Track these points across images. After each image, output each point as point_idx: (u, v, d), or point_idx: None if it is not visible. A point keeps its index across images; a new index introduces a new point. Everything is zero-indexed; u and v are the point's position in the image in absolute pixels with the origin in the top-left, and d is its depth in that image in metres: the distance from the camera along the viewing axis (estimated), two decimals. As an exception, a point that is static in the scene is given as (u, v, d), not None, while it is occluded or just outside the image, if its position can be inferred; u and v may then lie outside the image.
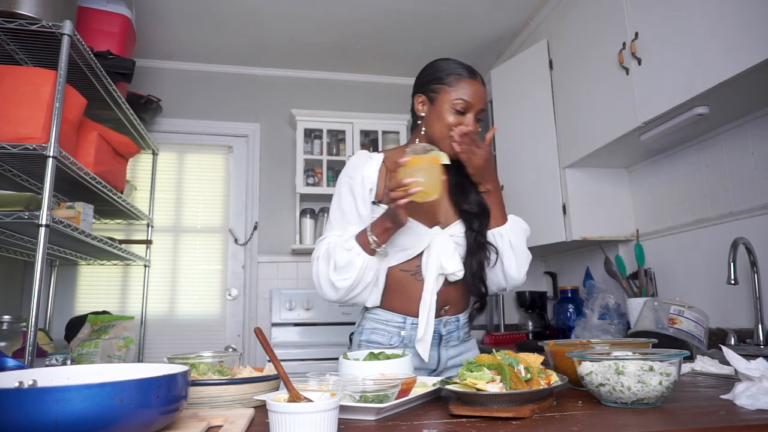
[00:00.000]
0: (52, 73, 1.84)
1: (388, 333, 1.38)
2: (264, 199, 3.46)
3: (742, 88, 1.67)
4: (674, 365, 0.90)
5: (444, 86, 1.37)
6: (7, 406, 0.60)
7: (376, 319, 1.41)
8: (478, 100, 1.37)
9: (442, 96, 1.37)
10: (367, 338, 1.40)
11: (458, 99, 1.35)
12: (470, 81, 1.36)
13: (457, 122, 1.35)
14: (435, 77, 1.40)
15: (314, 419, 0.69)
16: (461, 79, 1.36)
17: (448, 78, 1.37)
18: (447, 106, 1.36)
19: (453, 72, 1.38)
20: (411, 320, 1.37)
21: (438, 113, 1.37)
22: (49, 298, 3.00)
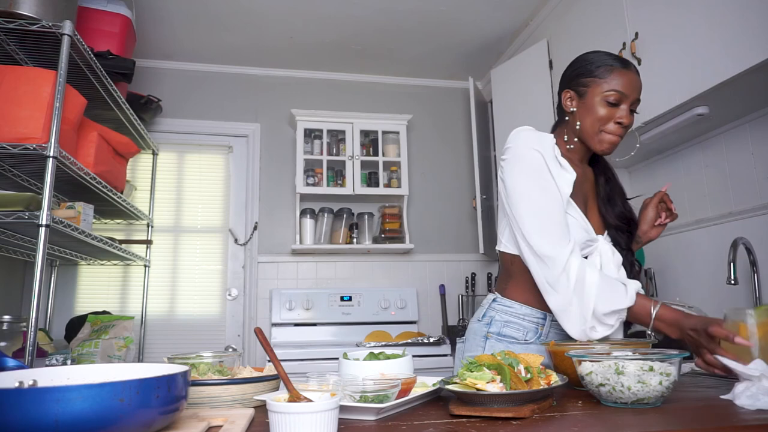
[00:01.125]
0: (52, 73, 1.84)
1: (524, 328, 1.31)
2: (264, 199, 3.46)
3: (742, 88, 1.67)
4: (674, 365, 0.90)
5: (595, 78, 1.29)
6: (7, 406, 0.60)
7: (511, 313, 1.33)
8: (633, 90, 1.28)
9: (593, 89, 1.29)
10: (498, 331, 1.32)
11: (610, 90, 1.26)
12: (623, 71, 1.28)
13: (609, 115, 1.27)
14: (584, 70, 1.32)
15: (314, 419, 0.69)
16: (613, 69, 1.28)
17: (598, 70, 1.29)
18: (599, 98, 1.28)
19: (604, 63, 1.30)
20: (551, 317, 1.30)
21: (589, 107, 1.29)
22: (49, 298, 3.00)
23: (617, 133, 1.29)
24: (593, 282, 1.16)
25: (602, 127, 1.28)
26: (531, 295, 1.30)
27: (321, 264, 3.46)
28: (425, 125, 3.72)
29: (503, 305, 1.35)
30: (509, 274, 1.36)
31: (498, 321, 1.33)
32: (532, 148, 1.27)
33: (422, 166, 3.63)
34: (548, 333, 1.31)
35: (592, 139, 1.30)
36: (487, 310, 1.37)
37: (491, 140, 3.43)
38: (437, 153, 3.70)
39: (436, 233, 3.60)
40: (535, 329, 1.31)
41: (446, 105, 3.81)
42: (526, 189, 1.24)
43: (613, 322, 1.17)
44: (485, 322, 1.36)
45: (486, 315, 1.37)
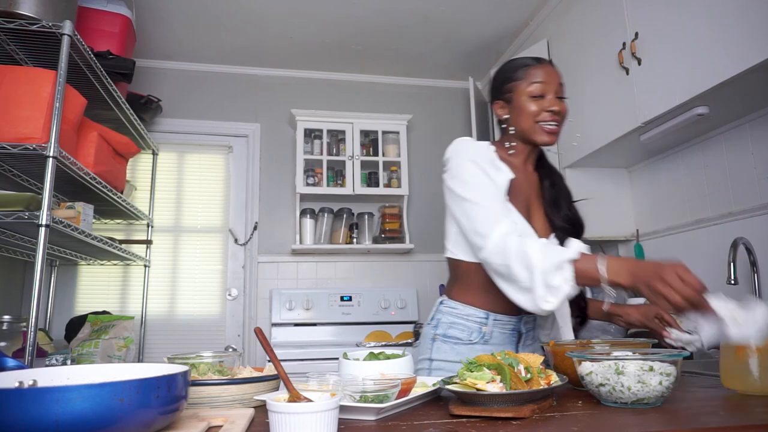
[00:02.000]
0: (52, 73, 1.84)
1: (468, 329, 1.35)
2: (264, 199, 3.46)
3: (742, 88, 1.67)
4: (674, 365, 0.90)
5: (515, 82, 1.37)
6: (7, 406, 0.60)
7: (455, 314, 1.38)
8: (552, 79, 1.36)
9: (517, 92, 1.37)
10: (444, 332, 1.37)
11: (532, 85, 1.35)
12: (537, 66, 1.37)
13: (539, 107, 1.34)
14: (504, 78, 1.41)
15: (314, 419, 0.69)
16: (528, 67, 1.37)
17: (516, 73, 1.38)
18: (524, 97, 1.35)
19: (519, 66, 1.38)
20: (494, 316, 1.35)
21: (519, 108, 1.36)
22: (49, 298, 3.00)
23: (552, 120, 1.35)
24: (534, 247, 1.14)
25: (536, 119, 1.34)
26: (474, 295, 1.36)
27: (321, 264, 3.46)
28: (425, 125, 3.71)
29: (449, 307, 1.39)
30: (455, 278, 1.42)
31: (444, 323, 1.38)
32: (468, 159, 1.32)
33: (422, 166, 3.63)
34: (492, 332, 1.35)
35: (533, 135, 1.36)
36: (435, 313, 1.42)
37: (491, 140, 3.43)
38: (437, 153, 3.68)
39: (436, 233, 3.57)
40: (479, 329, 1.35)
41: (446, 105, 3.81)
42: (467, 191, 1.29)
43: (559, 282, 1.10)
44: (433, 324, 1.40)
45: (434, 318, 1.41)
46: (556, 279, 1.11)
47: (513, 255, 1.15)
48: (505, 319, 1.35)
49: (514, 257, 1.15)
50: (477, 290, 1.35)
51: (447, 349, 1.34)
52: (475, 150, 1.35)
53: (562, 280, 1.11)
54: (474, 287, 1.35)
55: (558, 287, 1.11)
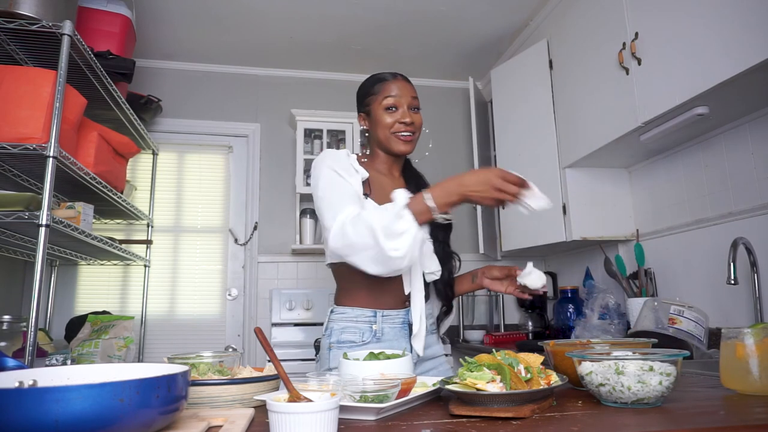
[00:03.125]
0: (52, 73, 1.84)
1: (360, 330, 1.39)
2: (264, 199, 3.46)
3: (742, 88, 1.67)
4: (674, 365, 0.90)
5: (372, 96, 1.48)
6: (7, 406, 0.60)
7: (346, 318, 1.41)
8: (404, 92, 1.46)
9: (374, 105, 1.47)
10: (337, 339, 1.40)
11: (386, 98, 1.45)
12: (391, 81, 1.47)
13: (393, 119, 1.44)
14: (363, 93, 1.52)
15: (314, 419, 0.69)
16: (383, 83, 1.47)
17: (372, 88, 1.49)
18: (380, 110, 1.45)
19: (375, 81, 1.49)
20: (381, 312, 1.39)
21: (376, 120, 1.47)
22: (49, 298, 3.00)
23: (406, 131, 1.45)
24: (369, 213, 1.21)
25: (391, 130, 1.45)
26: (358, 296, 1.41)
27: (321, 264, 3.46)
28: (425, 125, 3.69)
29: (338, 314, 1.43)
30: (339, 283, 1.48)
31: (336, 330, 1.41)
32: (324, 165, 1.37)
33: (422, 165, 3.62)
34: (382, 329, 1.38)
35: (390, 145, 1.46)
36: (327, 323, 1.45)
37: (491, 140, 3.43)
38: (437, 153, 3.70)
39: (436, 233, 3.59)
40: (369, 328, 1.38)
41: (446, 105, 3.81)
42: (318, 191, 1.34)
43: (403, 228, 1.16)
44: (327, 334, 1.43)
45: (327, 328, 1.44)
46: (399, 226, 1.16)
47: (350, 229, 1.20)
48: (392, 313, 1.40)
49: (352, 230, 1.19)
50: (360, 290, 1.40)
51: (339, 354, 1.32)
52: (332, 157, 1.40)
53: (405, 224, 1.16)
54: (357, 288, 1.41)
55: (403, 232, 1.16)
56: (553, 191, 2.65)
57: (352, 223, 1.20)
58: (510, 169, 1.23)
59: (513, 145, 2.97)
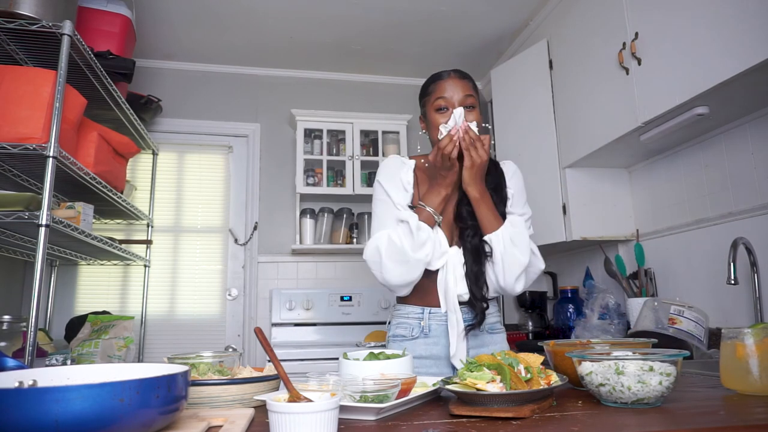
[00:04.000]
0: (52, 73, 1.84)
1: (410, 326, 1.49)
2: (264, 199, 3.46)
3: (742, 88, 1.67)
4: (674, 365, 0.90)
5: (425, 98, 1.50)
6: (7, 406, 0.60)
7: (399, 314, 1.53)
8: (455, 91, 1.43)
9: (427, 108, 1.48)
10: (393, 333, 1.52)
11: (435, 100, 1.44)
12: (442, 80, 1.46)
13: (442, 119, 1.43)
14: (420, 94, 1.53)
15: (314, 419, 0.69)
16: (435, 83, 1.46)
17: (427, 88, 1.49)
18: (432, 112, 1.45)
19: (429, 83, 1.50)
20: (428, 310, 1.48)
21: (430, 122, 1.48)
22: (49, 298, 3.00)
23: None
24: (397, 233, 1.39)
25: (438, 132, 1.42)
26: (410, 295, 1.48)
27: (321, 264, 3.46)
28: (425, 125, 3.71)
29: (396, 310, 1.55)
30: None
31: (393, 324, 1.53)
32: (378, 180, 1.49)
33: (422, 166, 3.63)
34: (429, 325, 1.47)
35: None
36: (390, 318, 1.57)
37: (491, 140, 3.42)
38: (437, 153, 3.70)
39: (436, 233, 3.59)
40: (418, 324, 1.48)
41: (446, 105, 3.81)
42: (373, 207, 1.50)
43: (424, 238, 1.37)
44: (389, 328, 1.55)
45: (389, 322, 1.56)
46: (421, 237, 1.37)
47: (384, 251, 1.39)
48: (440, 311, 1.46)
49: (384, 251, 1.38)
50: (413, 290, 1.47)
51: (395, 347, 1.46)
52: (386, 169, 1.50)
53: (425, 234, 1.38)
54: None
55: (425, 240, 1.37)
56: (553, 191, 2.65)
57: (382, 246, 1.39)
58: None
59: (513, 145, 2.97)
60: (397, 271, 1.38)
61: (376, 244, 1.40)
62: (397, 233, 1.38)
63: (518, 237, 1.42)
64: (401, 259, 1.37)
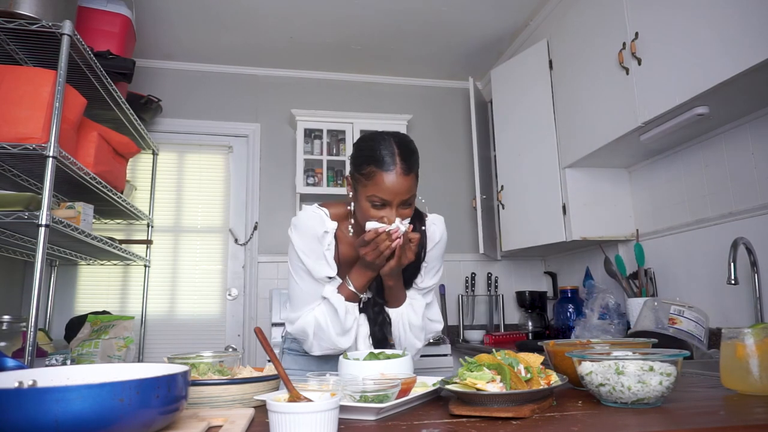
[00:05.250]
0: (52, 73, 1.84)
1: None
2: (264, 199, 3.46)
3: (742, 88, 1.67)
4: (674, 365, 0.90)
5: (361, 178, 1.28)
6: (7, 406, 0.60)
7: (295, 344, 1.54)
8: (396, 193, 1.26)
9: (361, 188, 1.28)
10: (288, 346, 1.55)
11: (373, 195, 1.26)
12: (387, 173, 1.24)
13: (376, 215, 1.27)
14: (357, 163, 1.31)
15: (314, 419, 0.69)
16: (378, 173, 1.25)
17: (366, 168, 1.27)
18: (364, 199, 1.28)
19: (372, 161, 1.26)
20: None
21: (359, 202, 1.31)
22: (49, 298, 3.00)
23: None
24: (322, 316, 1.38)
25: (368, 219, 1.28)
26: None
27: (321, 264, 3.46)
28: (425, 125, 3.71)
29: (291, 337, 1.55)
30: None
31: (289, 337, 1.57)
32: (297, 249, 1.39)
33: (422, 166, 3.61)
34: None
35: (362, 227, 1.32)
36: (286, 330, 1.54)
37: (491, 140, 3.43)
38: (437, 153, 3.70)
39: (436, 233, 3.59)
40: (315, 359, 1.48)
41: (446, 105, 3.81)
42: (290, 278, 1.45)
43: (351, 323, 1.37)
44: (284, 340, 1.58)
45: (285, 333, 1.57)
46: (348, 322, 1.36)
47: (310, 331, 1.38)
48: None
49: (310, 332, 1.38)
50: None
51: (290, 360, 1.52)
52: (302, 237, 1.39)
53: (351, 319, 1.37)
54: None
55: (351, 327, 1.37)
56: (553, 191, 2.65)
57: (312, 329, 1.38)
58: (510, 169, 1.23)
59: (513, 145, 2.97)
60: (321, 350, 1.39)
61: (303, 326, 1.38)
62: (324, 317, 1.36)
63: (415, 322, 1.42)
64: (328, 345, 1.37)
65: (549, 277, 3.34)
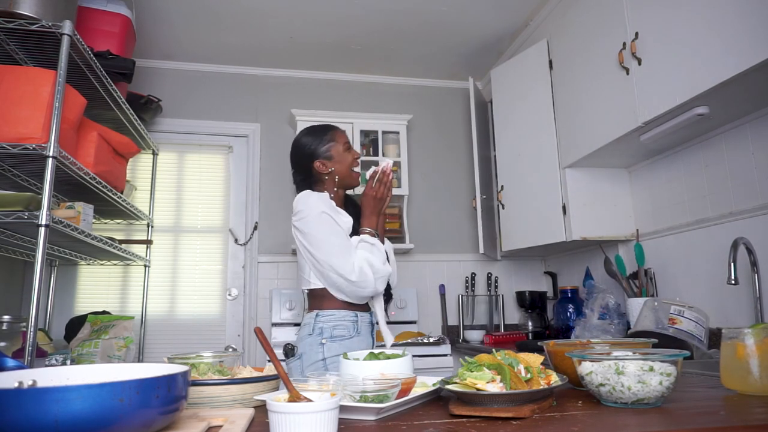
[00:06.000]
0: (52, 73, 1.84)
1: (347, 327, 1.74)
2: (264, 199, 3.46)
3: (742, 88, 1.67)
4: (674, 365, 0.90)
5: (331, 143, 1.83)
6: (7, 406, 0.60)
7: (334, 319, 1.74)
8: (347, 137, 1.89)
9: (334, 150, 1.82)
10: (330, 334, 1.72)
11: (345, 143, 1.85)
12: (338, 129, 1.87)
13: (353, 156, 1.85)
14: (319, 142, 1.83)
15: (314, 419, 0.69)
16: (334, 131, 1.86)
17: (327, 136, 1.84)
18: (341, 150, 1.83)
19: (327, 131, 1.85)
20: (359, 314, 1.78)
21: (338, 160, 1.82)
22: (49, 298, 3.00)
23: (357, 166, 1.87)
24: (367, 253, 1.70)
25: (352, 167, 1.85)
26: (341, 304, 1.74)
27: (321, 264, 3.46)
28: (425, 125, 3.72)
29: (326, 316, 1.74)
30: (320, 297, 1.76)
31: (327, 328, 1.72)
32: (320, 210, 1.70)
33: (422, 166, 3.63)
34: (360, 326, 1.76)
35: (350, 179, 1.85)
36: (313, 324, 1.74)
37: (491, 140, 3.43)
38: (437, 153, 3.70)
39: (436, 233, 3.60)
40: (353, 326, 1.75)
41: (446, 105, 3.81)
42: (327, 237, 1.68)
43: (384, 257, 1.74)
44: (316, 333, 1.72)
45: (314, 328, 1.73)
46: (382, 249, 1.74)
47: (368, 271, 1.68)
48: (365, 315, 1.79)
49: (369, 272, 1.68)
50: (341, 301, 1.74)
51: (336, 347, 1.69)
52: (322, 200, 1.72)
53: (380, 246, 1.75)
54: (339, 300, 1.74)
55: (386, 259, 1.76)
56: (553, 191, 2.65)
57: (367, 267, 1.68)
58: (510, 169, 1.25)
59: (513, 145, 2.97)
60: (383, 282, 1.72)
61: (361, 267, 1.66)
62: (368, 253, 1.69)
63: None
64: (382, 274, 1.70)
65: (549, 277, 3.35)
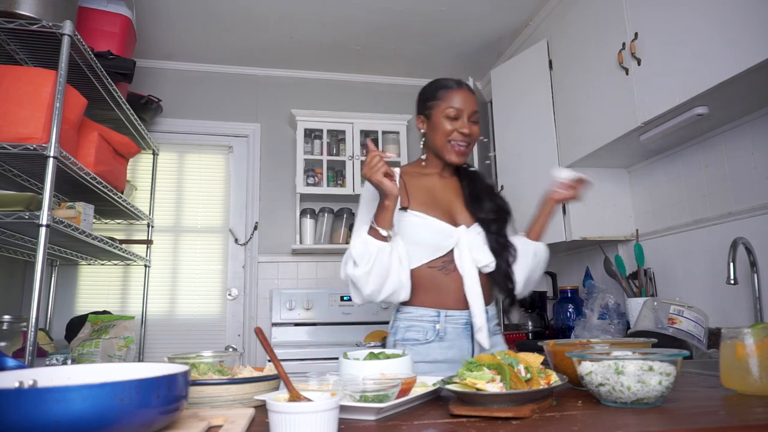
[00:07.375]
0: (52, 73, 1.84)
1: (423, 329, 1.46)
2: (264, 199, 3.46)
3: (742, 88, 1.67)
4: (674, 365, 0.90)
5: (436, 101, 1.55)
6: (7, 406, 0.60)
7: (410, 317, 1.49)
8: (467, 104, 1.53)
9: (435, 110, 1.54)
10: (402, 336, 1.47)
11: (449, 108, 1.52)
12: (456, 90, 1.54)
13: (452, 128, 1.51)
14: (427, 97, 1.58)
15: (314, 419, 0.69)
16: (448, 91, 1.54)
17: (437, 93, 1.55)
18: (441, 116, 1.52)
19: (440, 87, 1.56)
20: (444, 313, 1.46)
21: (435, 125, 1.54)
22: (49, 298, 3.00)
23: (462, 141, 1.53)
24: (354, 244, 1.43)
25: (449, 138, 1.52)
26: (422, 297, 1.47)
27: (321, 264, 3.46)
28: (425, 125, 3.71)
29: (404, 313, 1.50)
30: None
31: (401, 328, 1.49)
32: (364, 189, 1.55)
33: (422, 166, 3.63)
34: (445, 328, 1.46)
35: (443, 152, 1.54)
36: (393, 321, 1.53)
37: (491, 140, 3.43)
38: (437, 153, 3.70)
39: (436, 233, 3.59)
40: (433, 327, 1.46)
41: (446, 105, 3.81)
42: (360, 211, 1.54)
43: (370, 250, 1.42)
44: (392, 332, 1.51)
45: (392, 326, 1.52)
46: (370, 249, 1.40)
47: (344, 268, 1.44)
48: (456, 314, 1.46)
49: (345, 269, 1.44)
50: (424, 292, 1.47)
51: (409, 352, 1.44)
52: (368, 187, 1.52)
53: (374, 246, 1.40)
54: (421, 290, 1.47)
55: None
56: (553, 191, 2.65)
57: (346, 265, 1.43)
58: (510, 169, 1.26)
59: (513, 145, 2.97)
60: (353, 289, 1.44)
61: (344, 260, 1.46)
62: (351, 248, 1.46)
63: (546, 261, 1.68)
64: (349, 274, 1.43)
65: (549, 277, 3.34)
